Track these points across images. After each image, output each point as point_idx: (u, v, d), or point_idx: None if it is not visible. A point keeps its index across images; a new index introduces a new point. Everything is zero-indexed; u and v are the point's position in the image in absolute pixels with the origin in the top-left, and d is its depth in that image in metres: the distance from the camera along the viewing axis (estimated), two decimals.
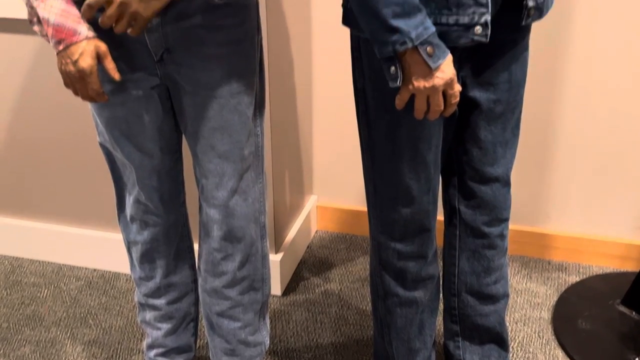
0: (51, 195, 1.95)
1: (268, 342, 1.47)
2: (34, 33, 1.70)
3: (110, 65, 1.09)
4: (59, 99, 1.79)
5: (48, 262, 2.02)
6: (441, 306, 1.65)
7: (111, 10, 1.03)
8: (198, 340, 1.67)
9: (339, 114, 1.96)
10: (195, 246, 1.42)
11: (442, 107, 1.07)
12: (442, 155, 1.25)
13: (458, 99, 1.07)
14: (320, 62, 1.93)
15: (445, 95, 1.06)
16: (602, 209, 1.89)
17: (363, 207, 2.10)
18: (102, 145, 1.31)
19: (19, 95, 1.83)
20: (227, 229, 1.29)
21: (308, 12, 1.86)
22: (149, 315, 1.47)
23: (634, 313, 1.70)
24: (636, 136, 1.79)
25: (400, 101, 1.08)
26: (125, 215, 1.38)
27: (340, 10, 1.16)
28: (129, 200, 1.34)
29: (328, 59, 1.91)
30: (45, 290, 1.90)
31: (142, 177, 1.29)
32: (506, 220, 1.33)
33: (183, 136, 1.31)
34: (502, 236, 1.34)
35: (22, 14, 1.64)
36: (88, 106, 1.36)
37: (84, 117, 1.79)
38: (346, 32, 1.18)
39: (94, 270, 1.98)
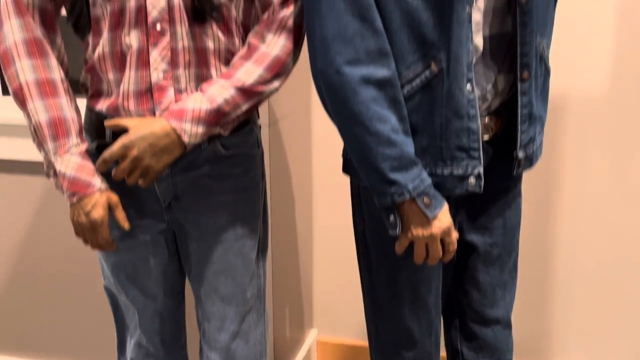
0: (53, 334, 1.93)
1: None
2: (42, 174, 1.76)
3: (120, 215, 1.13)
4: (64, 240, 1.83)
5: None
6: None
7: (125, 164, 1.09)
8: None
9: (339, 251, 1.99)
10: None
11: (441, 254, 1.10)
12: (442, 297, 1.27)
13: (456, 246, 1.11)
14: (321, 204, 1.99)
15: (443, 242, 1.10)
16: (603, 344, 1.87)
17: (364, 341, 2.08)
18: (106, 289, 1.32)
19: (25, 235, 1.87)
20: None
21: (309, 158, 1.94)
22: None
23: None
24: (636, 268, 1.81)
25: (400, 247, 1.11)
26: (126, 358, 1.37)
27: (340, 157, 1.23)
28: (130, 343, 1.34)
29: (328, 200, 1.98)
30: None
31: (144, 320, 1.29)
32: None
33: (186, 278, 1.33)
34: None
35: (31, 155, 1.71)
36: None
37: (89, 259, 1.82)
38: (346, 176, 1.24)
39: None
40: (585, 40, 1.65)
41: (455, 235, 1.10)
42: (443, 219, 1.07)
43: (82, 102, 1.19)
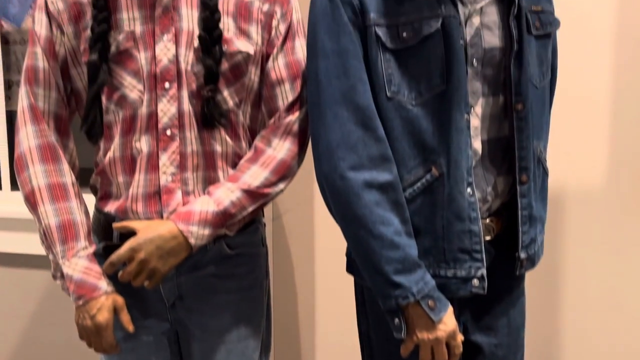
0: None
1: None
2: (45, 267, 1.77)
3: (125, 318, 1.13)
4: (65, 335, 1.81)
5: None
6: None
7: (132, 267, 1.10)
8: None
9: (342, 351, 1.96)
10: None
11: (447, 358, 1.09)
12: None
13: (461, 349, 1.10)
14: (324, 301, 1.97)
15: (448, 345, 1.09)
16: None
17: None
18: None
19: (26, 329, 1.85)
20: None
21: (312, 258, 1.94)
22: None
23: None
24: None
25: (405, 351, 1.10)
26: None
27: (344, 249, 1.24)
28: None
29: (332, 298, 1.96)
30: None
31: None
32: None
33: None
34: None
35: (34, 249, 1.72)
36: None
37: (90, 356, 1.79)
38: (348, 276, 1.25)
39: None
40: (580, 140, 1.70)
41: (460, 338, 1.10)
42: (448, 322, 1.07)
43: (87, 197, 1.22)
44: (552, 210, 1.70)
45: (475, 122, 1.11)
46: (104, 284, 1.12)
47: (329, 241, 1.93)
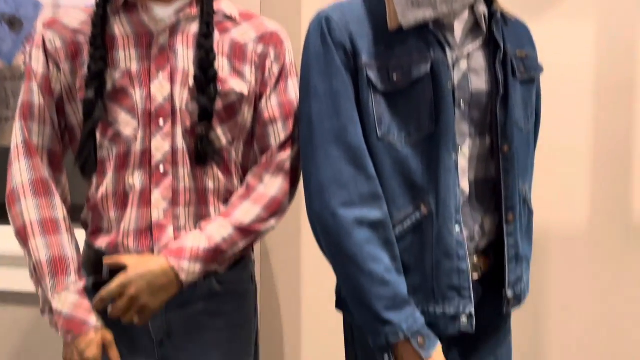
0: None
1: None
2: (31, 305, 1.75)
3: (114, 354, 1.12)
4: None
5: None
6: None
7: (122, 303, 1.10)
8: None
9: None
10: None
11: None
12: None
13: None
14: (311, 340, 1.96)
15: None
16: None
17: None
18: None
19: None
20: None
21: (299, 291, 1.94)
22: None
23: None
24: None
25: None
26: None
27: (332, 290, 1.24)
28: None
29: (319, 336, 1.95)
30: None
31: None
32: None
33: None
34: None
35: (20, 285, 1.70)
36: None
37: None
38: (336, 313, 1.25)
39: None
40: (562, 184, 1.74)
41: None
42: (437, 358, 1.08)
43: (80, 234, 1.22)
44: (536, 250, 1.73)
45: (462, 162, 1.14)
46: (93, 319, 1.12)
47: (315, 279, 1.93)
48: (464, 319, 1.12)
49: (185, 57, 1.15)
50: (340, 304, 1.23)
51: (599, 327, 1.78)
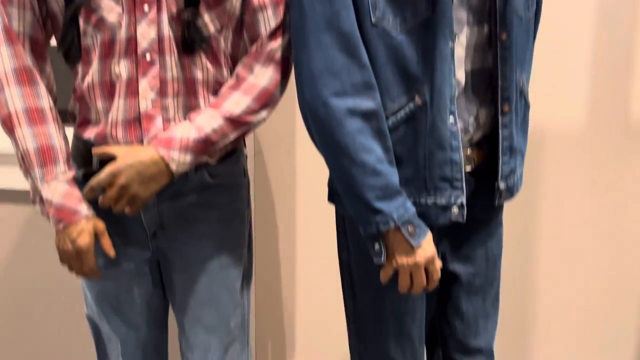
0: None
1: None
2: (24, 203, 1.75)
3: (106, 243, 1.13)
4: (44, 269, 1.81)
5: None
6: None
7: (112, 192, 1.09)
8: None
9: (323, 283, 1.99)
10: None
11: (425, 283, 1.11)
12: (426, 327, 1.27)
13: (439, 275, 1.12)
14: (305, 233, 1.99)
15: (427, 271, 1.11)
16: None
17: None
18: (88, 318, 1.31)
19: (5, 263, 1.85)
20: None
21: (294, 187, 1.95)
22: None
23: None
24: (614, 303, 1.84)
25: (384, 276, 1.12)
26: None
27: (325, 182, 1.24)
28: None
29: (312, 229, 1.98)
30: None
31: (127, 351, 1.28)
32: None
33: (169, 308, 1.32)
34: None
35: (13, 183, 1.70)
36: (75, 277, 1.38)
37: (71, 286, 1.80)
38: (330, 206, 1.26)
39: None
40: (562, 75, 1.71)
41: (438, 264, 1.12)
42: (427, 247, 1.09)
43: (69, 132, 1.20)
44: (532, 146, 1.72)
45: (459, 51, 1.11)
46: (84, 209, 1.12)
47: (310, 174, 1.93)
48: (455, 210, 1.12)
49: None
50: (332, 196, 1.23)
51: (592, 224, 1.80)
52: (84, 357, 1.82)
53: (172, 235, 1.21)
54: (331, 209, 1.26)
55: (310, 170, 1.93)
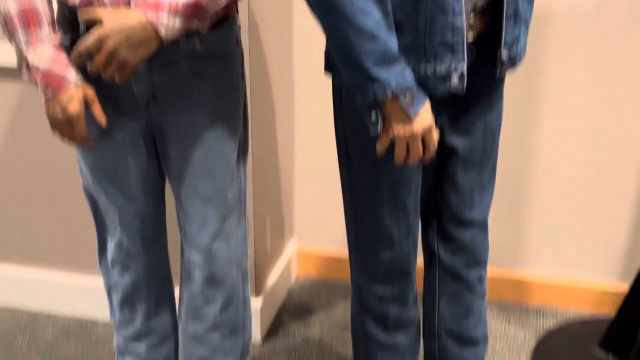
0: (27, 239, 1.93)
1: None
2: (15, 79, 1.72)
3: (97, 110, 1.11)
4: (40, 141, 1.80)
5: (22, 310, 1.99)
6: (421, 350, 1.65)
7: (100, 58, 1.06)
8: None
9: (320, 159, 1.99)
10: (176, 292, 1.42)
11: (422, 153, 1.10)
12: (421, 199, 1.28)
13: (436, 145, 1.11)
14: (302, 107, 1.97)
15: (424, 141, 1.10)
16: (579, 254, 1.93)
17: (344, 252, 2.11)
18: (85, 189, 1.32)
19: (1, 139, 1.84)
20: (209, 273, 1.30)
21: (290, 58, 1.91)
22: None
23: (610, 356, 1.72)
24: (612, 180, 1.84)
25: (380, 147, 1.11)
26: (107, 259, 1.38)
27: (322, 55, 1.20)
28: (111, 244, 1.34)
29: (309, 103, 1.96)
30: (20, 338, 1.86)
31: (124, 221, 1.29)
32: (484, 263, 1.36)
33: (166, 179, 1.33)
34: (481, 280, 1.36)
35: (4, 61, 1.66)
36: (70, 149, 1.38)
37: (65, 160, 1.80)
38: (327, 80, 1.22)
39: (71, 317, 1.95)
40: None
41: (436, 134, 1.10)
42: (425, 116, 1.07)
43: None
44: (537, 21, 1.66)
45: None
46: (72, 74, 1.08)
47: (307, 48, 1.88)
48: (454, 79, 1.09)
49: None
50: (329, 66, 1.19)
51: (594, 99, 1.76)
52: (80, 228, 1.86)
53: (165, 105, 1.18)
54: (328, 83, 1.23)
55: (307, 45, 1.88)
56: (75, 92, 1.08)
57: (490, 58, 1.15)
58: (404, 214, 1.22)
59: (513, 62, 1.17)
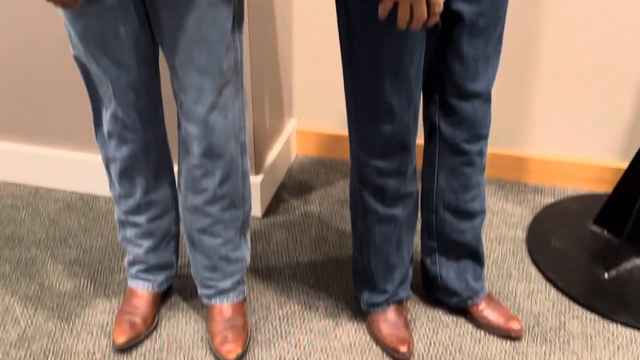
0: (25, 115, 1.91)
1: (249, 259, 1.49)
2: None
3: None
4: (29, 8, 1.73)
5: (24, 185, 2.00)
6: (419, 224, 1.68)
7: None
8: (180, 259, 1.69)
9: (319, 33, 1.92)
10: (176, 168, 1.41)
11: (426, 17, 1.05)
12: (424, 71, 1.24)
13: (441, 8, 1.05)
14: None
15: (428, 4, 1.04)
16: (579, 132, 1.91)
17: (343, 131, 2.10)
18: (76, 59, 1.27)
19: None
20: (206, 146, 1.28)
21: None
22: (130, 232, 1.47)
23: (605, 232, 1.75)
24: (614, 58, 1.79)
25: (383, 10, 1.05)
26: (103, 131, 1.36)
27: None
28: (106, 116, 1.32)
29: None
30: (23, 212, 1.89)
31: (118, 92, 1.26)
32: (485, 137, 1.34)
33: (160, 50, 1.28)
34: (481, 153, 1.35)
35: None
36: (62, 19, 1.32)
37: (57, 30, 1.73)
38: None
39: (72, 192, 1.97)
40: None
41: None
42: None
43: None
44: None
45: None
46: None
47: None
48: None
49: None
50: None
51: None
52: (77, 103, 1.83)
53: None
54: None
55: None
56: None
57: None
58: (405, 84, 1.19)
59: None
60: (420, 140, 1.94)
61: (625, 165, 1.92)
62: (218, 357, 1.42)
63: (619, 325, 1.51)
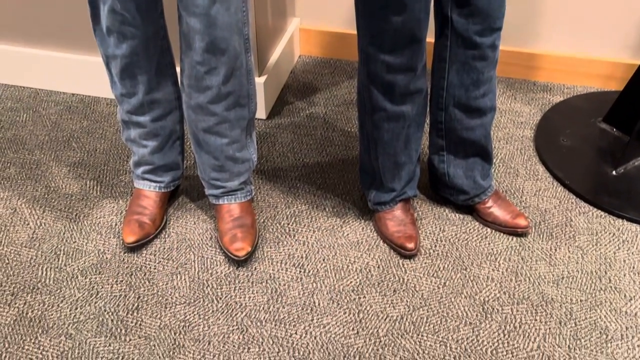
0: (23, 16, 1.84)
1: (256, 159, 1.48)
2: None
3: None
4: None
5: (24, 87, 1.96)
6: (427, 123, 1.65)
7: None
8: (186, 160, 1.68)
9: None
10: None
11: None
12: None
13: None
14: None
15: None
16: (591, 28, 1.85)
17: (347, 29, 2.03)
18: None
19: None
20: (209, 40, 1.24)
21: None
22: (134, 132, 1.45)
23: (614, 130, 1.73)
24: None
25: None
26: (102, 28, 1.31)
27: None
28: (104, 10, 1.26)
29: None
30: (24, 115, 1.86)
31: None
32: (499, 29, 1.29)
33: None
34: (494, 47, 1.30)
35: None
36: None
37: None
38: None
39: (73, 94, 1.93)
40: None
41: None
42: None
43: None
44: None
45: None
46: None
47: None
48: None
49: None
50: None
51: None
52: (84, 8, 1.76)
53: None
54: None
55: None
56: None
57: None
58: None
59: None
60: (430, 38, 1.88)
61: (638, 62, 1.87)
62: (228, 255, 1.44)
63: (624, 221, 1.52)
